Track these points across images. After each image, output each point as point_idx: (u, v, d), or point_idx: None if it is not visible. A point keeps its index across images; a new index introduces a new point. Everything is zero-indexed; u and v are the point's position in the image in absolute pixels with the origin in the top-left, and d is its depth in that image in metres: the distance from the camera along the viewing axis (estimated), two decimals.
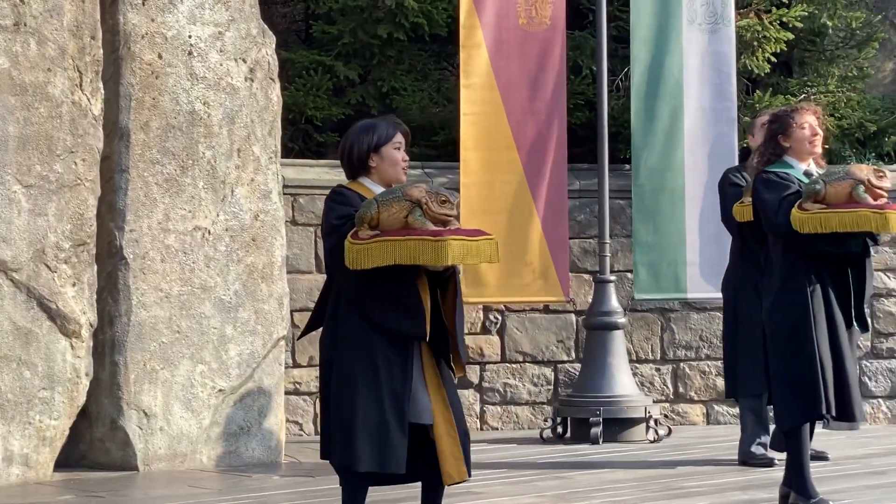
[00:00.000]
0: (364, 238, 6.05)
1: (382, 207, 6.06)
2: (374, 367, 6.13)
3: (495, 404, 11.40)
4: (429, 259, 6.02)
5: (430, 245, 6.00)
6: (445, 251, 5.98)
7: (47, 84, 8.75)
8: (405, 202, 6.06)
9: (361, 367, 6.15)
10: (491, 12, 10.59)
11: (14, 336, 8.62)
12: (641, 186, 10.79)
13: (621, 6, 11.51)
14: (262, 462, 9.49)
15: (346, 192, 6.29)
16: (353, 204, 6.19)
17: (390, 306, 6.16)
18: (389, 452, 6.09)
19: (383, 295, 6.15)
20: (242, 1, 9.67)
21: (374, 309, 6.17)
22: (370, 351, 6.15)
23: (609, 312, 10.65)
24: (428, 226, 6.04)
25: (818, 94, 12.33)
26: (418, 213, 6.05)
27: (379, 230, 6.06)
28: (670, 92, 10.78)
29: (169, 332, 9.29)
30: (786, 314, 7.31)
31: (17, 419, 8.65)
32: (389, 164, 6.32)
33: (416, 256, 6.02)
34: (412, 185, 6.17)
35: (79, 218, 8.89)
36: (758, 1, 12.05)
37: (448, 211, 6.09)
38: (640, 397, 10.65)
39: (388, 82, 12.01)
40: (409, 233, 6.03)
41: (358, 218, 6.09)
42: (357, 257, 6.06)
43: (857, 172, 7.17)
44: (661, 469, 9.20)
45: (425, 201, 6.05)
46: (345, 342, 6.21)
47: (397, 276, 6.11)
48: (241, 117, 9.60)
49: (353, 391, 6.15)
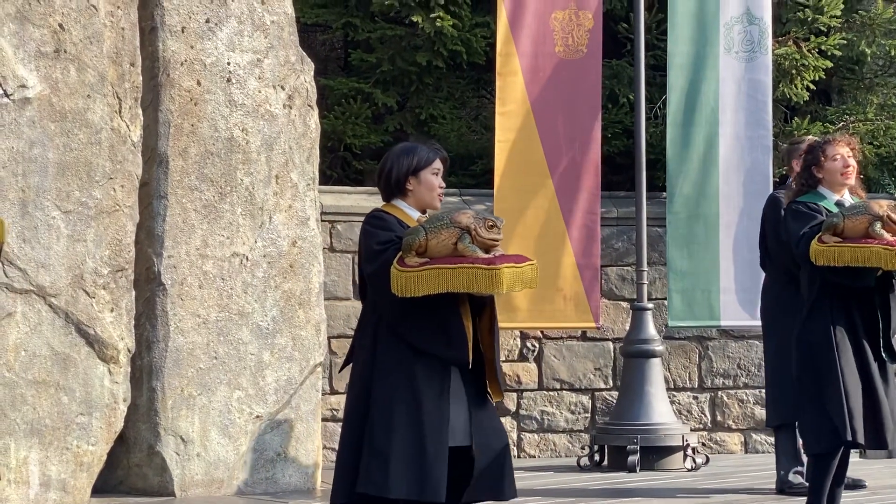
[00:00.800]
0: (413, 265, 5.99)
1: (431, 234, 6.00)
2: (416, 395, 6.09)
3: (533, 432, 11.39)
4: (483, 287, 5.98)
5: (484, 273, 5.96)
6: (500, 279, 5.95)
7: (87, 110, 8.79)
8: (454, 229, 6.01)
9: (402, 394, 6.11)
10: (528, 40, 10.60)
11: (52, 361, 8.65)
12: (676, 214, 10.78)
13: (659, 35, 11.52)
14: (298, 488, 9.49)
15: (386, 216, 6.24)
16: (393, 229, 6.15)
17: (435, 333, 6.12)
18: (427, 480, 6.06)
19: (427, 322, 6.11)
20: (281, 28, 9.71)
21: (418, 336, 6.13)
22: (412, 380, 6.11)
23: (647, 340, 10.62)
24: (478, 253, 5.99)
25: (857, 122, 12.32)
26: (468, 239, 5.99)
27: (427, 257, 6.01)
28: (706, 119, 10.77)
29: (206, 358, 9.31)
30: (810, 343, 7.36)
31: (55, 444, 8.67)
32: (426, 188, 6.29)
33: (471, 284, 5.97)
34: (459, 211, 6.10)
35: (117, 244, 8.92)
36: (796, 29, 12.05)
37: (496, 236, 6.04)
38: (677, 425, 10.61)
39: (426, 109, 12.04)
40: (461, 260, 5.99)
41: (405, 245, 6.02)
42: (406, 285, 5.99)
43: (876, 208, 7.20)
44: (698, 497, 9.19)
45: (474, 228, 6.00)
46: (385, 370, 6.16)
47: (441, 303, 6.07)
48: (280, 144, 9.62)
49: (392, 419, 6.10)
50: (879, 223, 7.11)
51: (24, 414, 8.54)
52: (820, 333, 7.31)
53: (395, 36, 11.86)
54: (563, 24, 10.66)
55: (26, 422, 8.55)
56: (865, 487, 9.34)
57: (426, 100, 12.08)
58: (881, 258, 7.08)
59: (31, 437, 8.57)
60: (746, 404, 11.61)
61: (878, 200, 7.35)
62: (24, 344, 8.54)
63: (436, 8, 11.64)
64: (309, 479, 9.61)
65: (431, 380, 6.13)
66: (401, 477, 6.07)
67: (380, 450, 6.12)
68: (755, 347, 11.50)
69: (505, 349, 11.26)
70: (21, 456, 8.54)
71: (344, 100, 11.90)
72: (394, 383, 6.14)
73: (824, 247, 7.17)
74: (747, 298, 10.37)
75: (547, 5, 10.62)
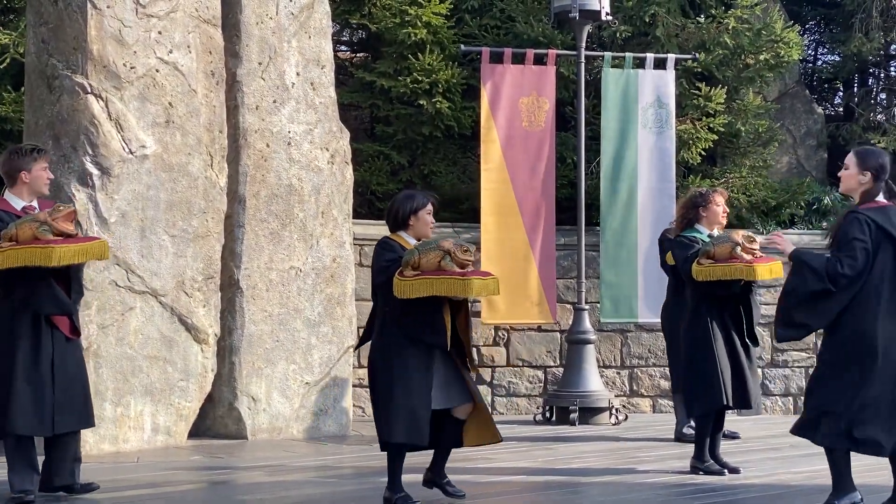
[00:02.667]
0: (409, 276, 6.12)
1: (422, 255, 6.14)
2: (407, 368, 6.16)
3: (502, 396, 11.37)
4: (458, 292, 6.11)
5: (459, 282, 6.10)
6: (470, 286, 6.10)
7: (188, 164, 8.81)
8: (439, 251, 6.15)
9: (399, 367, 6.18)
10: (503, 117, 10.62)
11: (161, 342, 8.65)
12: (607, 242, 10.78)
13: (595, 115, 11.54)
14: (336, 434, 9.48)
15: (391, 243, 6.35)
16: (396, 251, 6.27)
17: (423, 324, 6.19)
18: (416, 430, 6.14)
19: (418, 316, 6.19)
20: (326, 107, 9.72)
21: (412, 326, 6.20)
22: (406, 358, 6.18)
23: (584, 331, 10.62)
24: (455, 268, 6.12)
25: (735, 178, 12.33)
26: (448, 259, 6.14)
27: (419, 271, 6.12)
28: (628, 175, 10.78)
29: (271, 341, 9.30)
30: (694, 335, 7.44)
31: (163, 401, 8.68)
32: (422, 224, 6.42)
33: (449, 290, 6.10)
34: (443, 238, 6.29)
35: (208, 259, 8.93)
36: (692, 112, 12.06)
37: (469, 257, 6.18)
38: (605, 392, 10.60)
39: (428, 166, 12.05)
40: (443, 273, 6.10)
41: (404, 261, 6.15)
42: (404, 289, 6.11)
43: (735, 237, 7.35)
44: (621, 443, 9.17)
45: (453, 251, 6.15)
46: (388, 350, 6.25)
47: (429, 304, 6.16)
48: (325, 189, 9.63)
49: (392, 384, 6.17)
50: (739, 247, 7.27)
51: (140, 379, 8.54)
52: (701, 328, 7.40)
53: (406, 114, 11.87)
54: (527, 106, 10.67)
55: (142, 385, 8.55)
56: (739, 438, 9.34)
57: (429, 159, 12.08)
58: (742, 272, 7.28)
59: (146, 396, 8.57)
60: (654, 378, 11.59)
61: (737, 231, 7.49)
62: (141, 329, 8.54)
63: (436, 94, 11.65)
64: (343, 428, 9.60)
65: (423, 359, 6.20)
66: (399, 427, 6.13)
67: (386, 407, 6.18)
68: (660, 338, 11.49)
69: (483, 337, 11.25)
70: (138, 409, 8.53)
71: (370, 158, 11.91)
72: (395, 360, 6.20)
73: (701, 267, 7.32)
74: (655, 303, 10.37)
75: (516, 93, 10.63)
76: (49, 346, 6.36)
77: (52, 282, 6.31)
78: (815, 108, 14.30)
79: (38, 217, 6.28)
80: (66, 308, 6.35)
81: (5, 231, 6.28)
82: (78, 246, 6.28)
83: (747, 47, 12.18)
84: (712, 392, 7.32)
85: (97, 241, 6.47)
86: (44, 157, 6.59)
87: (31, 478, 6.40)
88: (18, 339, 6.32)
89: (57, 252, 6.17)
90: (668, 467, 7.81)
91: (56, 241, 6.20)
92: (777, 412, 11.80)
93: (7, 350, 6.33)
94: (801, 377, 11.88)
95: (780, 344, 11.77)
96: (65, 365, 6.40)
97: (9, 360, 6.31)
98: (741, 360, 7.43)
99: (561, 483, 7.30)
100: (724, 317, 7.45)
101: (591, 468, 7.86)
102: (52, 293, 6.31)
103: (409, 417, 6.12)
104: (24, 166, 6.52)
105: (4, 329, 6.36)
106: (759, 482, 7.27)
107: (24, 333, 6.32)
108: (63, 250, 6.19)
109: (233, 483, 7.38)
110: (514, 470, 7.75)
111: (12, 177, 6.55)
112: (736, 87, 12.42)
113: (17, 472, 6.39)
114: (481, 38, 11.98)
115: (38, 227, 6.22)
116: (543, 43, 11.63)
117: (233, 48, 9.25)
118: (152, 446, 8.55)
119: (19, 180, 6.52)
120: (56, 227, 6.23)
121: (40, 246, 6.18)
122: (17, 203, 6.51)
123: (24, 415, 6.29)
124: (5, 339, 6.35)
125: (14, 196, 6.53)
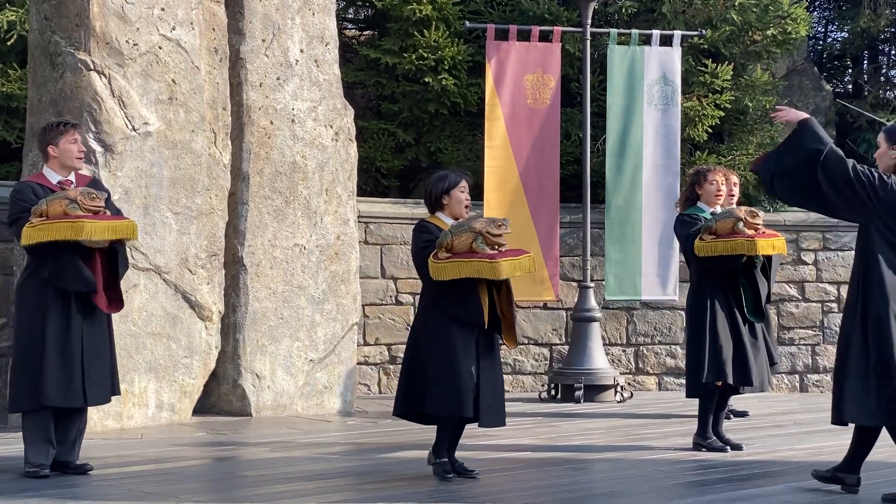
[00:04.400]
0: (442, 258, 6.26)
1: (455, 237, 6.26)
2: (451, 343, 6.26)
3: (508, 374, 11.36)
4: (488, 274, 6.22)
5: (487, 265, 6.20)
6: (499, 269, 6.20)
7: (191, 141, 8.80)
8: (470, 233, 6.25)
9: (444, 342, 6.28)
10: (508, 95, 10.59)
11: (165, 319, 8.66)
12: (612, 220, 10.76)
13: (601, 91, 11.51)
14: (340, 411, 9.51)
15: (427, 225, 6.46)
16: (432, 233, 6.38)
17: (460, 303, 6.30)
18: (462, 401, 6.25)
19: (455, 296, 6.30)
20: (331, 84, 9.70)
21: (450, 305, 6.31)
22: (448, 336, 6.28)
23: (589, 309, 10.61)
24: (486, 250, 6.22)
25: (741, 156, 12.29)
26: (480, 240, 6.24)
27: (452, 253, 6.24)
28: (633, 153, 10.75)
29: (275, 319, 9.31)
30: (695, 311, 7.43)
31: (167, 378, 8.69)
32: (456, 203, 6.49)
33: (479, 272, 6.22)
34: (475, 219, 6.37)
35: (212, 236, 8.93)
36: (698, 89, 12.02)
37: (501, 235, 6.28)
38: (610, 370, 10.60)
39: (434, 144, 12.02)
40: (474, 256, 6.21)
41: (438, 244, 6.29)
42: (437, 271, 6.26)
43: (737, 212, 7.35)
44: (625, 420, 9.18)
45: (486, 230, 6.23)
46: (431, 326, 6.36)
47: (464, 284, 6.27)
48: (329, 167, 9.62)
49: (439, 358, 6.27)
50: (741, 223, 7.24)
51: (144, 356, 8.56)
52: (702, 304, 7.39)
53: (412, 91, 11.84)
54: (532, 83, 10.63)
55: (146, 362, 8.56)
56: (748, 415, 9.34)
57: (434, 137, 12.05)
58: (744, 247, 7.30)
59: (150, 372, 8.59)
60: (660, 356, 11.58)
61: (739, 207, 7.46)
62: (145, 306, 8.55)
63: (442, 72, 11.61)
64: (347, 405, 9.62)
65: (464, 335, 6.29)
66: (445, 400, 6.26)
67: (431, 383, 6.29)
68: (667, 315, 11.50)
69: None
70: (142, 386, 8.56)
71: (375, 136, 11.89)
72: (438, 337, 6.31)
73: (703, 243, 7.32)
74: (660, 280, 10.37)
75: (521, 70, 10.60)
76: (79, 319, 6.43)
77: (79, 260, 6.36)
78: (823, 86, 14.24)
79: (69, 194, 6.36)
80: (91, 286, 6.39)
81: (35, 207, 6.37)
82: (108, 222, 6.36)
83: (754, 23, 12.12)
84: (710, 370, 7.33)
85: (127, 221, 6.55)
86: (71, 130, 6.63)
87: (46, 452, 6.46)
88: (48, 313, 6.39)
89: (88, 227, 6.25)
90: (671, 444, 7.82)
91: (87, 217, 6.28)
92: (783, 390, 11.80)
93: (37, 325, 6.41)
94: (808, 355, 11.87)
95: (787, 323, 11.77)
96: (93, 338, 6.48)
97: (39, 335, 6.39)
98: (743, 338, 7.42)
99: (565, 459, 7.32)
100: (727, 293, 7.44)
101: (595, 445, 7.87)
102: (78, 270, 6.36)
103: (456, 389, 6.22)
104: (50, 140, 6.63)
105: (35, 304, 6.43)
106: (761, 458, 7.28)
107: (53, 308, 6.40)
108: (93, 226, 6.27)
109: (237, 459, 7.41)
110: (519, 447, 7.77)
111: (44, 152, 6.69)
112: (743, 64, 12.37)
113: (34, 445, 6.46)
114: (487, 14, 11.94)
115: (67, 203, 6.31)
116: (549, 20, 11.59)
117: (236, 25, 9.23)
118: (156, 423, 8.58)
119: (49, 155, 6.64)
120: (85, 204, 6.31)
121: (71, 221, 6.26)
122: (53, 177, 6.61)
123: (56, 387, 6.36)
124: (36, 313, 6.42)
125: (50, 170, 6.64)
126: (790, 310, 11.77)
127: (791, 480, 6.48)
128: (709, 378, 7.33)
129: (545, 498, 6.12)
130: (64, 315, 6.42)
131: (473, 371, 6.25)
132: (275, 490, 6.17)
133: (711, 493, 6.15)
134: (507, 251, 6.30)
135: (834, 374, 6.10)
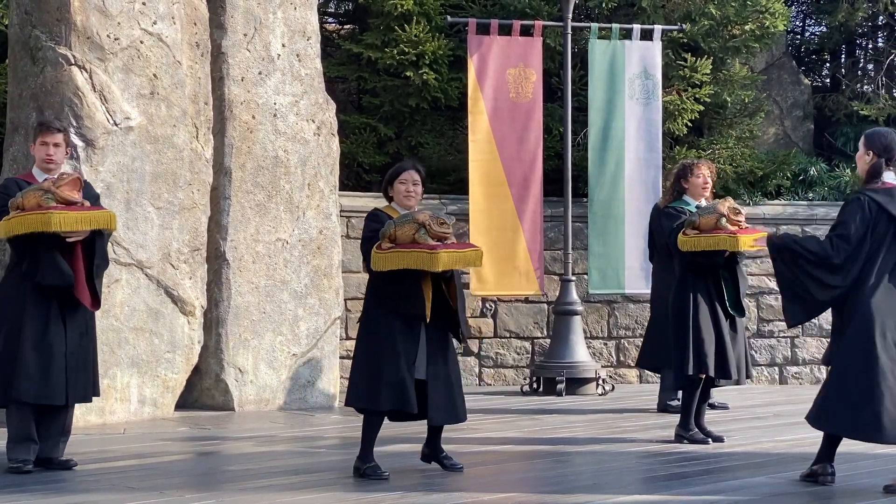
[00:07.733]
0: (384, 249, 6.16)
1: (398, 227, 6.16)
2: (392, 337, 6.18)
3: (490, 367, 11.38)
4: (426, 265, 6.09)
5: (426, 256, 6.08)
6: (437, 260, 6.07)
7: (173, 136, 8.77)
8: (414, 224, 6.16)
9: (384, 337, 6.20)
10: (490, 88, 10.59)
11: (147, 314, 8.64)
12: (595, 213, 10.78)
13: (582, 86, 11.51)
14: (322, 406, 9.50)
15: (379, 214, 6.37)
16: (382, 221, 6.28)
17: (401, 296, 6.21)
18: (403, 397, 6.14)
19: (397, 288, 6.21)
20: (312, 79, 9.68)
21: (392, 297, 6.23)
22: (390, 328, 6.19)
23: (571, 302, 10.63)
24: (429, 241, 6.10)
25: (721, 150, 12.32)
26: (423, 231, 6.14)
27: (394, 244, 6.14)
28: (615, 147, 10.78)
29: (257, 313, 9.29)
30: (678, 304, 7.45)
31: (149, 373, 8.67)
32: (397, 193, 6.43)
33: (417, 263, 6.10)
34: (420, 211, 6.28)
35: (194, 231, 8.90)
36: (678, 83, 12.04)
37: (446, 230, 6.18)
38: (592, 363, 10.62)
39: (415, 138, 12.00)
40: (414, 246, 6.11)
41: (381, 234, 6.19)
42: (378, 262, 6.17)
43: (721, 208, 7.36)
44: (606, 414, 9.19)
45: (428, 223, 6.14)
46: (374, 319, 6.27)
47: (407, 276, 6.17)
48: (311, 161, 9.61)
49: (379, 352, 6.18)
50: (724, 218, 7.26)
51: (126, 351, 8.53)
52: (684, 298, 7.41)
53: (393, 85, 11.81)
54: (515, 77, 10.64)
55: (128, 357, 8.54)
56: (728, 408, 9.38)
57: (416, 131, 12.03)
58: (726, 243, 7.31)
59: (132, 367, 8.56)
60: None
61: (722, 202, 7.46)
62: (127, 301, 8.52)
63: (423, 66, 11.59)
64: (330, 400, 9.61)
65: (407, 329, 6.20)
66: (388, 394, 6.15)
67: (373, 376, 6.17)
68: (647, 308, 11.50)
69: (470, 308, 11.25)
70: (124, 381, 8.53)
71: (357, 130, 11.86)
72: (380, 330, 6.22)
73: (686, 238, 7.33)
74: (644, 273, 10.39)
75: (503, 64, 10.60)
76: (59, 316, 6.40)
77: (56, 254, 6.32)
78: (801, 80, 14.28)
79: (43, 185, 6.34)
80: (67, 279, 6.34)
81: (12, 200, 6.35)
82: (79, 213, 6.29)
83: (733, 18, 12.15)
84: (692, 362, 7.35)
85: (103, 211, 6.49)
86: (45, 132, 6.59)
87: (28, 448, 6.42)
88: (28, 308, 6.36)
89: (56, 218, 6.19)
90: (653, 436, 7.84)
91: (56, 208, 6.23)
92: (763, 382, 11.84)
93: (16, 319, 6.37)
94: (787, 347, 11.91)
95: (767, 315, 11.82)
96: (75, 335, 6.45)
97: (17, 330, 6.35)
98: (723, 331, 7.45)
99: (547, 452, 7.33)
100: (709, 287, 7.46)
101: (577, 437, 7.89)
102: (54, 264, 6.31)
103: (396, 385, 6.12)
104: (32, 140, 6.73)
105: (15, 298, 6.40)
106: (742, 450, 7.31)
107: (33, 303, 6.36)
108: (62, 216, 6.21)
109: (220, 454, 7.39)
110: (501, 440, 7.77)
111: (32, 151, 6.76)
112: (722, 58, 12.39)
113: (16, 441, 6.42)
114: (468, 9, 11.92)
115: (42, 195, 6.27)
116: (530, 14, 11.58)
117: (218, 19, 9.20)
118: (139, 418, 8.55)
119: (32, 154, 6.72)
120: (60, 196, 6.27)
121: (41, 212, 6.21)
122: (40, 176, 6.59)
123: (31, 382, 6.31)
124: (15, 308, 6.39)
125: (37, 169, 6.64)
126: (769, 302, 11.80)
127: (772, 472, 6.52)
128: (693, 370, 7.36)
129: (530, 490, 6.13)
130: (44, 311, 6.38)
131: (404, 366, 6.10)
132: (259, 484, 6.16)
133: (693, 484, 6.17)
134: (450, 244, 6.21)
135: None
